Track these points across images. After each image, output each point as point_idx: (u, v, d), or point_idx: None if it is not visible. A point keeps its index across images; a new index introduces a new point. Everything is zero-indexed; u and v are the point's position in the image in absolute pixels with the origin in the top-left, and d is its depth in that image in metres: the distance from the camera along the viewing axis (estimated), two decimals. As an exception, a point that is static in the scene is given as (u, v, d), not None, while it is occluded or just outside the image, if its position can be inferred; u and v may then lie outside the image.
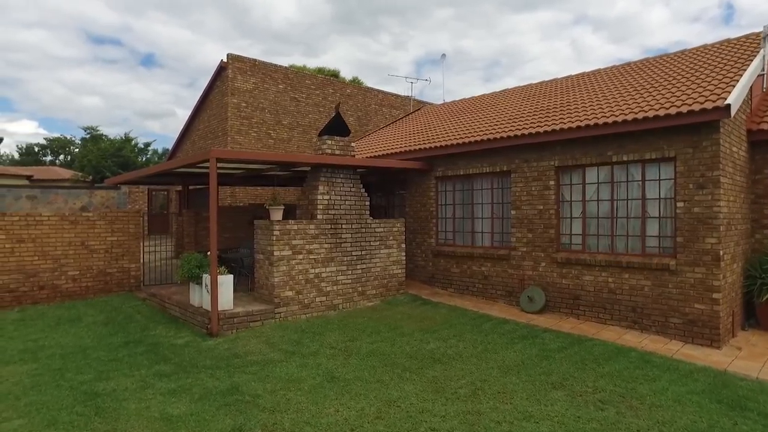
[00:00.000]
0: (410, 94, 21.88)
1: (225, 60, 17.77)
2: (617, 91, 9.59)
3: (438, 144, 10.83)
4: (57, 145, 50.34)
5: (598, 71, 12.49)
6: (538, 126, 9.19)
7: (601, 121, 7.97)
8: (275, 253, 8.35)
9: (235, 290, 8.28)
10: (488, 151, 10.00)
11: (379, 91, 22.77)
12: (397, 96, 23.58)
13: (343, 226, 9.39)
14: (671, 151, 7.42)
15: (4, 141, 69.13)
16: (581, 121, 8.39)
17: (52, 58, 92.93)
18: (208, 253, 8.49)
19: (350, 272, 9.46)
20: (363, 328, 8.05)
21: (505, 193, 9.94)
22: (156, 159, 39.20)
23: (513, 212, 9.56)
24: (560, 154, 8.84)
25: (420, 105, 24.35)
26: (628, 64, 11.99)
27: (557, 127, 8.56)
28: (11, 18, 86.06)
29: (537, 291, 9.02)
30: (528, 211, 9.31)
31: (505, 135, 9.43)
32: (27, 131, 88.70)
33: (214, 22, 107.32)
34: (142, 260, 11.06)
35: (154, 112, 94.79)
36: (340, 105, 9.80)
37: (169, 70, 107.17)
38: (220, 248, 12.31)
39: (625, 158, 7.97)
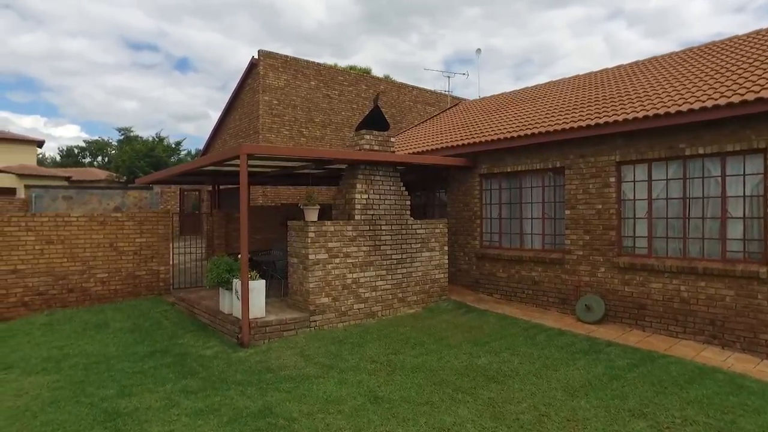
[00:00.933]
0: (446, 90, 21.08)
1: (256, 57, 17.37)
2: (684, 77, 8.63)
3: (483, 139, 10.06)
4: (95, 148, 51.49)
5: (654, 58, 11.48)
6: (596, 117, 8.33)
7: (673, 110, 7.08)
8: (310, 257, 7.75)
9: (267, 296, 7.73)
10: (539, 146, 9.18)
11: (413, 87, 22.06)
12: (431, 92, 22.83)
13: (383, 227, 8.74)
14: (761, 142, 6.49)
15: (47, 144, 71.44)
16: (647, 111, 7.51)
17: (93, 64, 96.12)
18: (239, 256, 7.97)
19: (390, 277, 8.79)
20: (405, 339, 7.37)
21: (558, 191, 9.09)
22: (188, 159, 39.51)
23: (567, 212, 8.72)
24: (622, 148, 7.97)
25: (456, 101, 23.53)
26: (690, 49, 10.95)
27: (620, 118, 7.69)
28: (59, 28, 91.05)
29: (595, 299, 8.17)
30: (584, 211, 8.46)
31: (558, 128, 8.60)
32: (70, 135, 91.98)
33: (246, 25, 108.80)
34: (171, 262, 10.66)
35: (188, 114, 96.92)
36: (379, 97, 9.14)
37: (203, 73, 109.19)
38: (251, 250, 11.84)
39: (701, 151, 7.06)
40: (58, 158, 54.64)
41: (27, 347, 7.31)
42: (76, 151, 54.07)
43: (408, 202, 9.24)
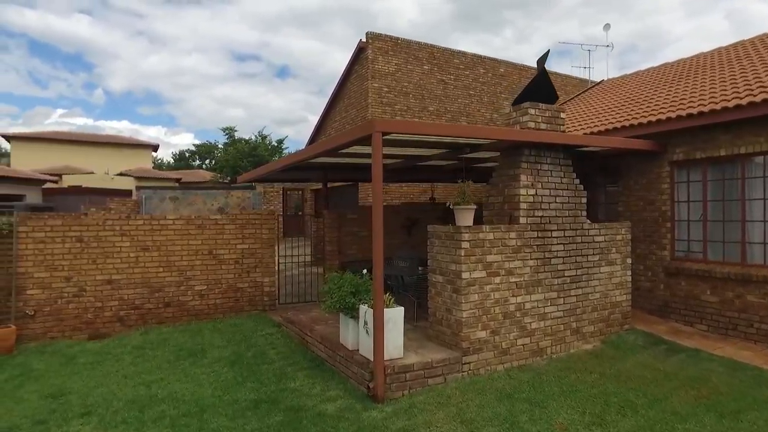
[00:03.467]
0: (587, 65, 17.91)
1: (364, 40, 15.64)
2: None
3: (683, 113, 7.34)
4: (204, 151, 53.49)
5: None
6: None
7: None
8: (464, 275, 5.61)
9: (402, 327, 5.70)
10: (783, 117, 6.33)
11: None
12: (557, 74, 19.86)
13: (553, 233, 6.39)
14: None
15: (164, 151, 77.08)
16: None
17: (205, 77, 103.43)
18: (365, 272, 6.02)
19: (562, 301, 6.43)
20: (603, 397, 5.03)
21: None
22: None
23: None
24: None
25: (581, 84, 20.38)
26: None
27: None
28: (178, 47, 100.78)
29: None
30: None
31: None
32: (185, 143, 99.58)
33: (341, 31, 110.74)
34: (277, 273, 9.06)
35: (288, 119, 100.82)
36: (546, 58, 6.80)
37: (301, 79, 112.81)
38: (364, 258, 9.96)
39: None
40: (172, 161, 57.84)
41: (113, 380, 5.89)
42: (187, 154, 56.77)
43: (584, 200, 6.82)
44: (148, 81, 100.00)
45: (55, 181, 25.40)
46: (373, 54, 15.44)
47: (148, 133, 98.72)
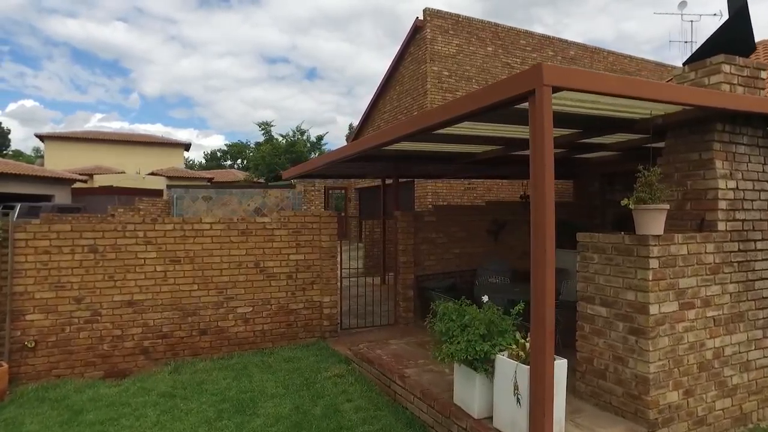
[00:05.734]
0: (689, 41, 15.48)
1: (421, 18, 13.75)
2: None
3: None
4: (235, 151, 52.80)
5: None
6: None
7: None
8: (651, 309, 3.66)
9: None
10: None
11: (609, 52, 17.05)
12: (631, 58, 17.61)
13: (757, 244, 4.38)
14: None
15: (195, 152, 77.10)
16: None
17: (236, 80, 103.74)
18: (486, 299, 4.18)
19: (771, 343, 4.42)
20: None
21: None
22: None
23: None
24: None
25: (660, 68, 18.08)
26: None
27: None
28: (210, 51, 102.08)
29: None
30: None
31: None
32: (216, 144, 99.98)
33: (369, 32, 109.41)
34: (340, 291, 7.25)
35: (317, 120, 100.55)
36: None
37: (330, 81, 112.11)
38: (444, 271, 8.08)
39: None
40: (203, 162, 57.37)
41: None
42: (218, 154, 56.26)
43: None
44: (180, 85, 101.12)
45: (85, 181, 24.32)
46: (432, 33, 13.54)
47: (180, 136, 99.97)
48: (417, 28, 13.91)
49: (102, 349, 5.96)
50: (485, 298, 4.27)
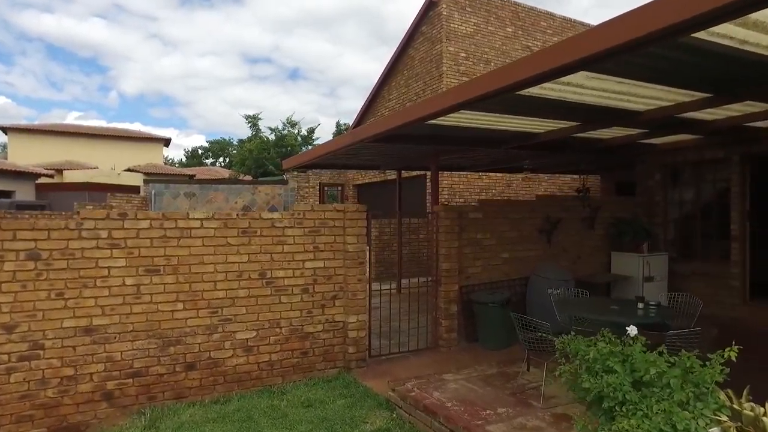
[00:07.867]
0: None
1: (432, -6, 12.21)
2: None
3: None
4: (217, 148, 50.89)
5: None
6: None
7: None
8: None
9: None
10: None
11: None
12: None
13: None
14: None
15: (175, 151, 74.85)
16: None
17: (218, 80, 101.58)
18: (630, 329, 2.60)
19: None
20: None
21: None
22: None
23: None
24: None
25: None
26: None
27: None
28: (192, 50, 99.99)
29: None
30: None
31: None
32: (196, 144, 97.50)
33: (353, 33, 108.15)
34: (368, 308, 5.62)
35: (300, 121, 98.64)
36: None
37: (312, 81, 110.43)
38: (492, 280, 6.53)
39: None
40: (184, 160, 55.21)
41: None
42: (200, 152, 54.16)
43: None
44: (161, 83, 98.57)
45: (52, 176, 22.19)
46: (448, 10, 11.98)
47: (160, 136, 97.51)
48: (431, 4, 12.32)
49: (44, 396, 4.24)
50: (633, 330, 2.74)
